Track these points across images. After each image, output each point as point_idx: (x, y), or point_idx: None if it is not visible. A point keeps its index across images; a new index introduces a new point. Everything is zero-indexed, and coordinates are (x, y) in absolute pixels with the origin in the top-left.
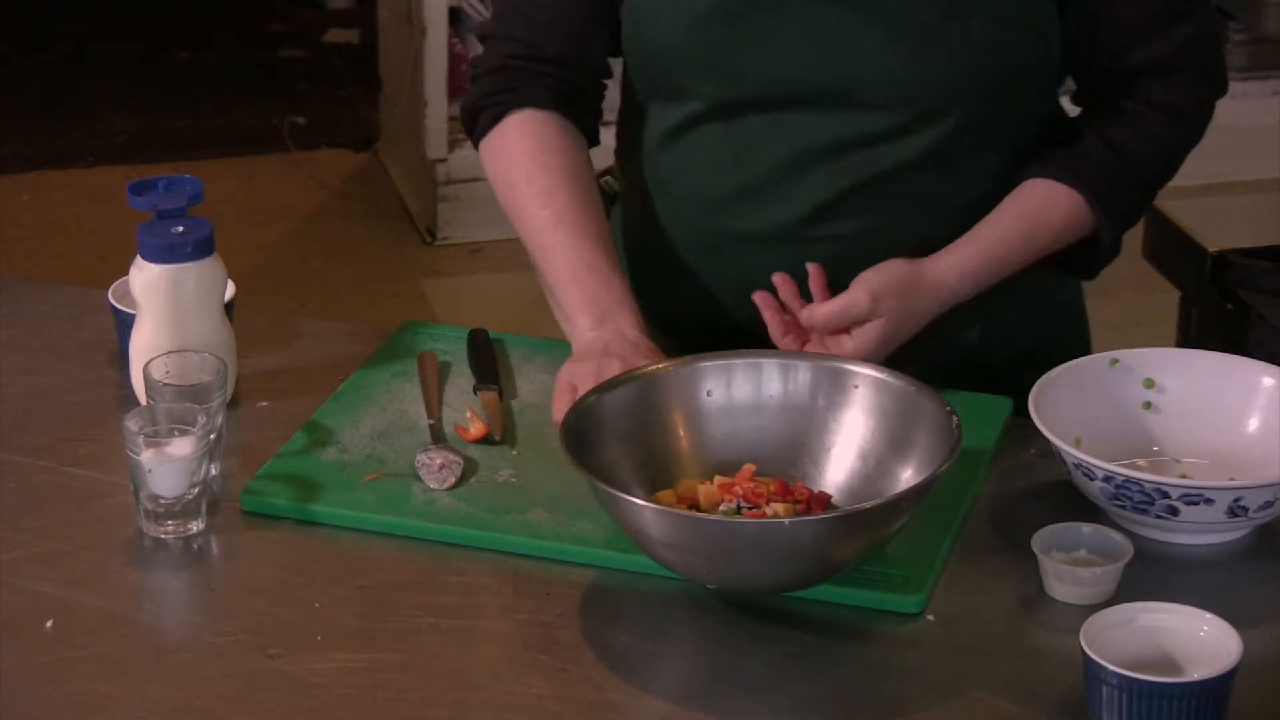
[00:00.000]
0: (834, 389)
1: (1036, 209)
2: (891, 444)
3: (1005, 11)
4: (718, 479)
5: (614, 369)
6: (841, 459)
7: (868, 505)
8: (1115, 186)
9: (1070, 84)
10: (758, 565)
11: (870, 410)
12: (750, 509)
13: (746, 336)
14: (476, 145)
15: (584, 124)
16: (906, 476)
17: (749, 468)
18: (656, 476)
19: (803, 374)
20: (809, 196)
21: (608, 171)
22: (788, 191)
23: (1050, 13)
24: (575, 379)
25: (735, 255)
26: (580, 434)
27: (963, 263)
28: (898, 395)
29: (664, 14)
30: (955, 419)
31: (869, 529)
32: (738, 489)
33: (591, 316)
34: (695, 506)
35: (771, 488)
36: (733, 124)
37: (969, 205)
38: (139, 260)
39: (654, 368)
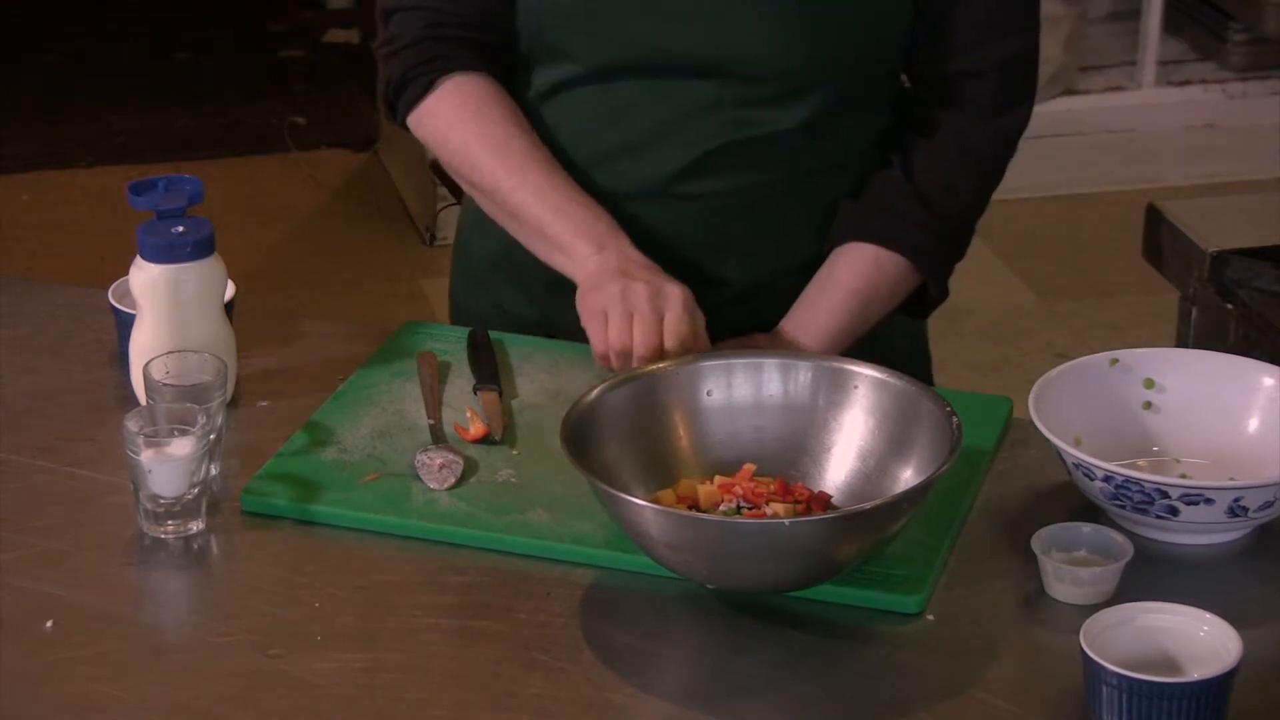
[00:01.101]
0: (834, 389)
1: (869, 284)
2: (891, 444)
3: (875, 4)
4: (718, 479)
5: (639, 291)
6: (842, 459)
7: (868, 506)
8: (935, 243)
9: None
10: (758, 565)
11: (870, 410)
12: (750, 509)
13: None
14: (402, 120)
15: (508, 86)
16: (907, 476)
17: (749, 468)
18: (656, 476)
19: (803, 374)
20: (683, 152)
21: None
22: (662, 148)
23: (905, 4)
24: (604, 305)
25: (610, 211)
26: (580, 434)
27: (811, 344)
28: (898, 395)
29: None
30: (955, 419)
31: (869, 529)
32: (738, 489)
33: (590, 243)
34: (695, 506)
35: (772, 488)
36: (610, 87)
37: (833, 171)
38: (139, 260)
39: (654, 368)
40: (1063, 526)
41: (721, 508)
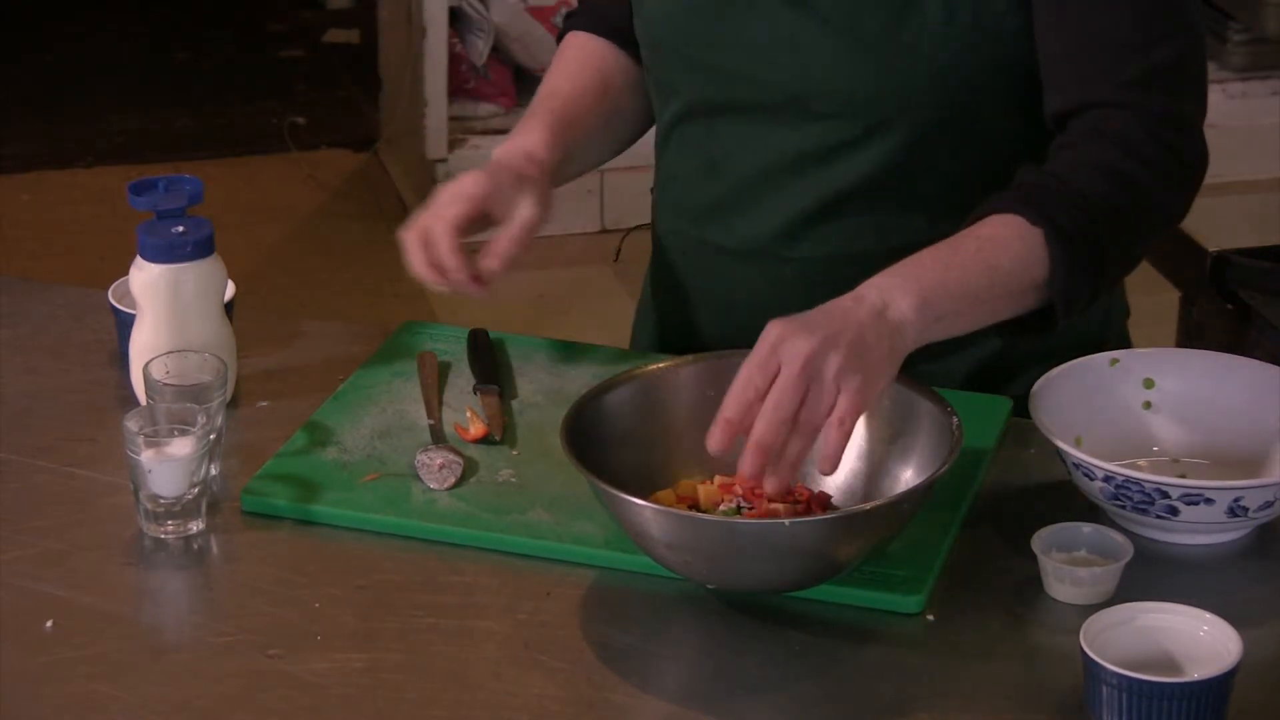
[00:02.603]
0: None
1: (964, 229)
2: (891, 444)
3: (957, 22)
4: (718, 479)
5: (481, 182)
6: (842, 459)
7: (868, 506)
8: (1056, 201)
9: None
10: (758, 565)
11: (870, 410)
12: (750, 509)
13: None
14: None
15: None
16: (907, 477)
17: None
18: (656, 476)
19: None
20: (777, 213)
21: None
22: (758, 207)
23: (1014, 28)
24: (448, 187)
25: (718, 267)
26: (580, 434)
27: (892, 269)
28: (897, 395)
29: (655, 2)
30: (955, 419)
31: (869, 530)
32: (738, 489)
33: (516, 133)
34: (695, 506)
35: None
36: (708, 128)
37: (935, 233)
38: (139, 260)
39: (654, 367)
40: (1063, 526)
41: (721, 507)
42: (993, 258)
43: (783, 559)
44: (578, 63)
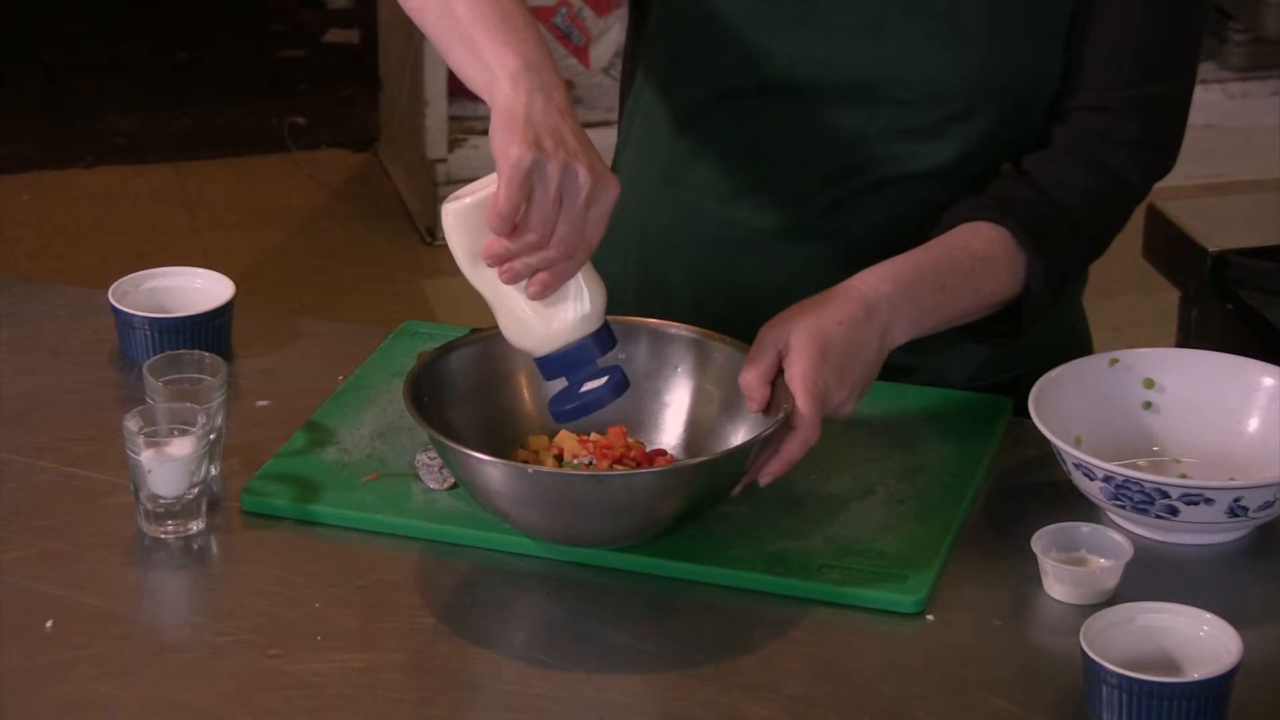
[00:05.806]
0: (674, 356)
1: (954, 234)
2: (723, 407)
3: (1037, 20)
4: (595, 436)
5: (576, 172)
6: (676, 423)
7: (692, 462)
8: (1042, 223)
9: None
10: (589, 518)
11: (706, 376)
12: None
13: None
14: None
15: None
16: (737, 438)
17: (619, 429)
18: (498, 438)
19: (644, 339)
20: (827, 191)
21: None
22: (805, 185)
23: (1062, 31)
24: (534, 169)
25: (745, 248)
26: (424, 394)
27: (880, 268)
28: (731, 360)
29: None
30: (787, 389)
31: (691, 484)
32: (590, 445)
33: (519, 59)
34: (559, 458)
35: (633, 454)
36: (754, 110)
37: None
38: None
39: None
40: (1063, 526)
41: (574, 461)
42: (979, 282)
43: (618, 513)
44: None
